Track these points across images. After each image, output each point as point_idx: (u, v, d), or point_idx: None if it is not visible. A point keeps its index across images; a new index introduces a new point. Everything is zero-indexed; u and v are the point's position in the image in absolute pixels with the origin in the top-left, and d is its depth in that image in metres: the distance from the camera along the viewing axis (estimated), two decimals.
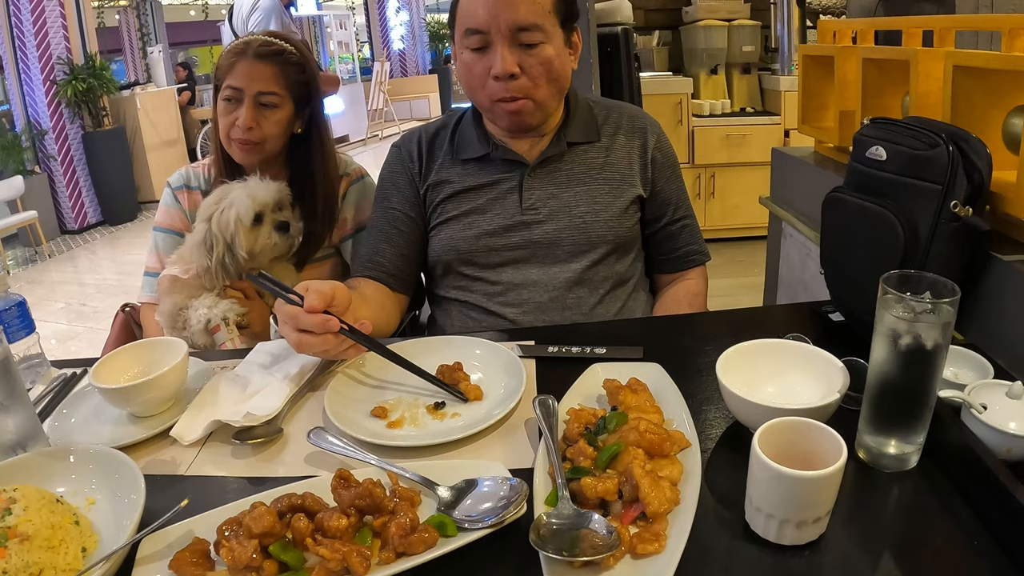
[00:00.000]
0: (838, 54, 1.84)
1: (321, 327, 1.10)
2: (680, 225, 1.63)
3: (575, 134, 1.55)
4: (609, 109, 1.63)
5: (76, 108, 7.31)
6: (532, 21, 1.37)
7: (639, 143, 1.59)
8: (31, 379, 1.26)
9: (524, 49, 1.39)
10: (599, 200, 1.53)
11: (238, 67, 1.63)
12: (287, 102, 1.67)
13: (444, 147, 1.60)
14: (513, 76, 1.39)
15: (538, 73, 1.41)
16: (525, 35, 1.37)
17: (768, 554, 0.77)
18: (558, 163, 1.55)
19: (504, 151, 1.53)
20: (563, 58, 1.44)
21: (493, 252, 1.53)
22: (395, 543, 0.77)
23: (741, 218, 4.78)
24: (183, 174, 1.81)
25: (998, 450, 0.86)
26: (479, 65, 1.42)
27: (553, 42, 1.41)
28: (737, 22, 4.91)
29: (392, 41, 13.44)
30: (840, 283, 1.30)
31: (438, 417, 1.08)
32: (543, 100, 1.45)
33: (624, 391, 1.01)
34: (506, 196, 1.54)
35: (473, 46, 1.41)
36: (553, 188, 1.53)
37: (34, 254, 6.73)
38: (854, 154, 1.29)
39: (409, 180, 1.59)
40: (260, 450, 1.03)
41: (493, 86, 1.42)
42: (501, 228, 1.52)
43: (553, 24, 1.40)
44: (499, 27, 1.37)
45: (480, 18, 1.37)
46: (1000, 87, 1.31)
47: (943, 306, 0.82)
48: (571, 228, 1.51)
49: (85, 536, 0.84)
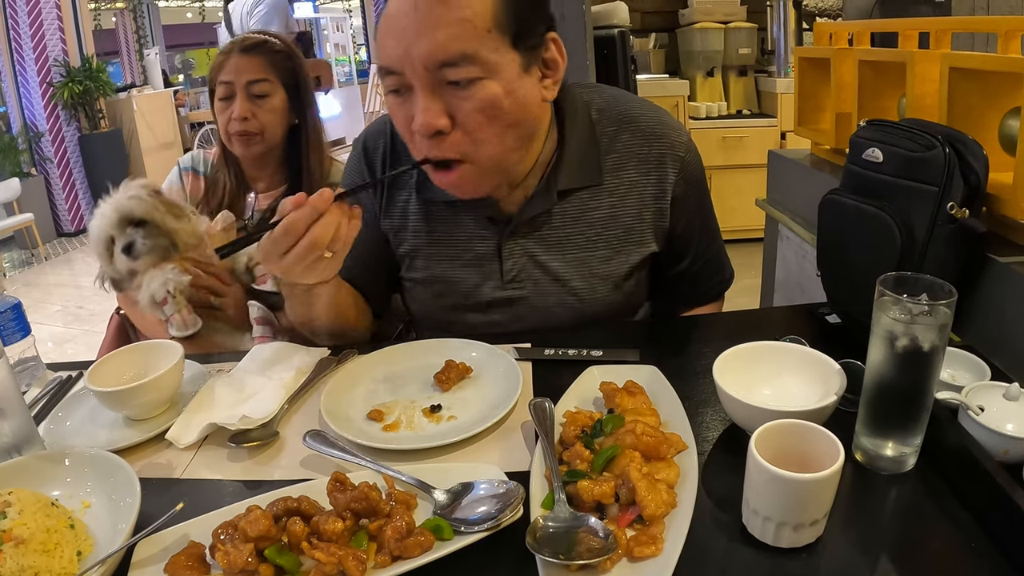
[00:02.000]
0: (834, 56, 1.84)
1: (320, 202, 0.95)
2: (703, 261, 1.39)
3: (569, 177, 1.22)
4: (620, 123, 1.26)
5: (73, 110, 7.32)
6: (458, 50, 0.99)
7: (656, 178, 1.26)
8: (26, 382, 1.26)
9: (453, 90, 1.02)
10: (597, 271, 1.27)
11: (227, 64, 1.68)
12: (278, 89, 1.70)
13: (409, 172, 1.28)
14: (440, 132, 1.04)
15: (476, 123, 1.04)
16: (451, 72, 1.00)
17: (765, 557, 0.76)
18: (547, 219, 1.25)
19: (476, 201, 1.22)
20: (520, 93, 1.06)
21: (471, 328, 1.31)
22: (391, 547, 0.77)
23: (738, 220, 4.77)
24: (194, 156, 1.85)
25: (995, 452, 0.86)
26: (400, 113, 1.08)
27: (498, 74, 1.03)
28: (733, 24, 4.93)
29: None
30: (837, 285, 1.30)
31: (434, 420, 1.08)
32: (491, 159, 1.09)
33: (621, 394, 1.01)
34: (483, 262, 1.28)
35: (390, 88, 1.07)
36: (540, 253, 1.26)
37: (30, 256, 6.73)
38: (850, 156, 1.29)
39: (369, 205, 1.32)
40: (256, 453, 1.03)
41: (419, 143, 1.08)
42: (480, 304, 1.30)
43: (495, 48, 1.01)
44: (413, 65, 1.01)
45: (390, 52, 1.02)
46: (996, 89, 1.31)
47: (940, 308, 0.82)
48: (562, 306, 1.28)
49: (80, 540, 0.84)
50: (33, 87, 7.10)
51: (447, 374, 1.15)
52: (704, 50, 4.93)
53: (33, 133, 7.14)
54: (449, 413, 1.09)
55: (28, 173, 7.10)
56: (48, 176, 7.30)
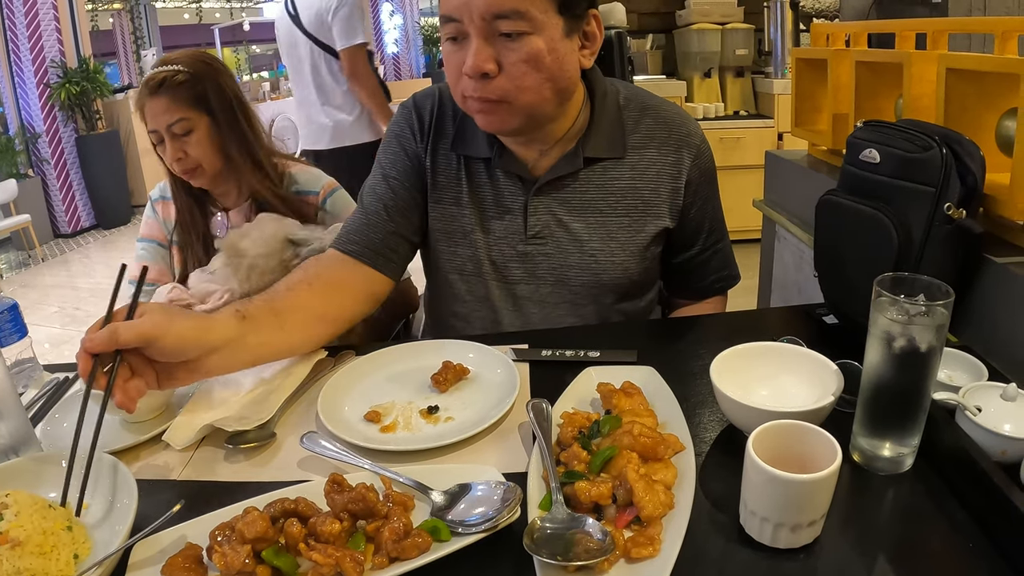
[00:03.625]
0: (831, 57, 1.84)
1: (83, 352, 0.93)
2: (712, 251, 1.46)
3: (596, 147, 1.33)
4: (643, 111, 1.38)
5: (70, 111, 7.31)
6: (512, 6, 1.12)
7: (673, 160, 1.36)
8: (23, 383, 1.25)
9: (504, 40, 1.15)
10: (616, 236, 1.35)
11: (146, 110, 1.65)
12: (199, 120, 1.66)
13: (449, 127, 1.39)
14: (487, 75, 1.16)
15: (521, 72, 1.17)
16: (504, 23, 1.13)
17: (763, 557, 0.76)
18: (571, 182, 1.34)
19: (508, 160, 1.34)
20: (560, 52, 1.18)
21: (494, 282, 1.39)
22: (388, 548, 0.77)
23: (735, 221, 4.74)
24: (161, 187, 1.85)
25: (993, 452, 0.86)
26: (454, 59, 1.20)
27: (544, 32, 1.15)
28: (730, 25, 4.93)
29: (386, 45, 13.42)
30: (834, 286, 1.30)
31: (432, 421, 1.07)
32: (529, 105, 1.20)
33: (618, 395, 1.01)
34: (509, 216, 1.36)
35: (448, 35, 1.20)
36: (563, 214, 1.35)
37: (27, 258, 6.72)
38: (847, 157, 1.29)
39: (414, 152, 1.40)
40: (253, 455, 1.03)
41: (466, 83, 1.19)
42: (502, 258, 1.37)
43: (544, 10, 1.15)
44: (471, 15, 1.14)
45: (453, 3, 1.16)
46: (993, 89, 1.31)
47: (937, 308, 0.82)
48: (580, 266, 1.35)
49: (79, 542, 0.83)
50: (30, 88, 7.09)
51: (444, 375, 1.15)
52: (701, 51, 4.94)
53: (30, 134, 7.13)
54: (446, 414, 1.09)
55: (25, 174, 7.09)
56: (45, 177, 7.29)
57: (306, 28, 3.32)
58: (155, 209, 1.83)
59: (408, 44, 13.74)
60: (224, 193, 1.77)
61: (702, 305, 1.53)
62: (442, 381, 1.15)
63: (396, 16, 13.44)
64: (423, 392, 1.15)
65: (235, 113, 1.71)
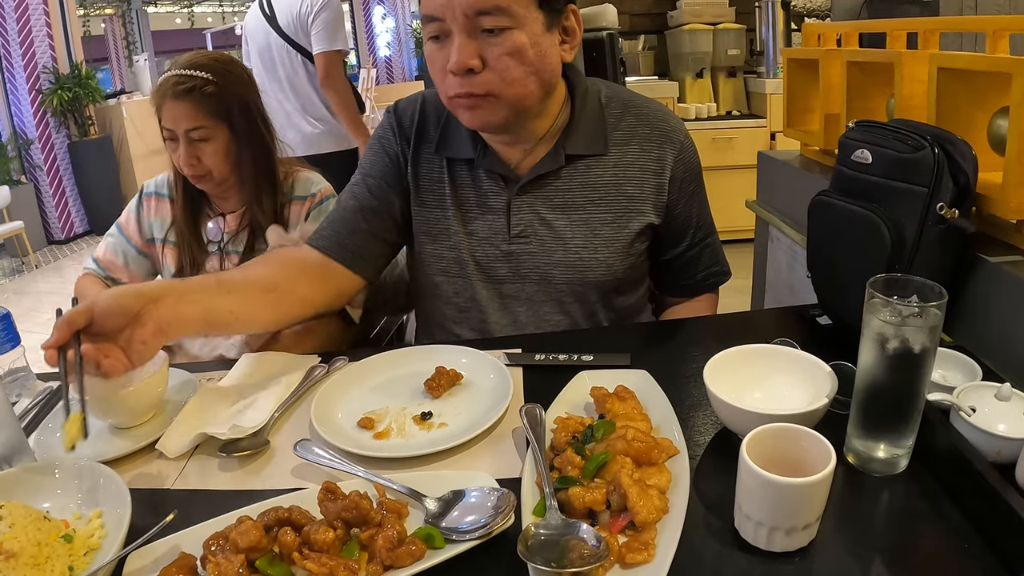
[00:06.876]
0: (823, 57, 1.84)
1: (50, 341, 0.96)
2: (700, 247, 1.47)
3: (577, 144, 1.34)
4: (626, 108, 1.39)
5: (62, 117, 7.30)
6: (493, 3, 1.14)
7: (656, 156, 1.37)
8: (16, 393, 1.25)
9: (487, 36, 1.17)
10: (600, 232, 1.35)
11: (164, 108, 1.63)
12: (219, 130, 1.65)
13: (432, 132, 1.41)
14: (472, 71, 1.18)
15: (505, 65, 1.18)
16: (486, 19, 1.15)
17: (758, 561, 0.76)
18: (554, 180, 1.35)
19: (492, 160, 1.35)
20: (543, 46, 1.20)
21: (479, 282, 1.40)
22: (382, 556, 0.77)
23: (727, 221, 4.74)
24: (159, 181, 1.82)
25: (988, 452, 0.86)
26: (438, 57, 1.22)
27: (525, 27, 1.17)
28: (722, 26, 4.94)
29: (378, 48, 13.43)
30: (827, 287, 1.30)
31: (425, 427, 1.07)
32: (515, 97, 1.22)
33: (611, 399, 1.01)
34: (492, 216, 1.37)
35: (431, 34, 1.22)
36: (546, 212, 1.35)
37: (20, 265, 6.70)
38: (839, 157, 1.29)
39: (395, 154, 1.42)
40: (247, 463, 1.02)
41: (451, 81, 1.21)
42: (487, 258, 1.38)
43: (525, 5, 1.17)
44: (454, 12, 1.16)
45: (435, 2, 1.17)
46: (985, 89, 1.31)
47: (930, 309, 0.82)
48: (564, 264, 1.36)
49: (76, 556, 0.83)
50: (22, 94, 7.07)
51: (437, 381, 1.15)
52: (693, 52, 4.95)
53: (22, 140, 7.12)
54: (440, 420, 1.09)
55: (18, 181, 7.07)
56: (38, 183, 7.27)
57: (283, 29, 3.25)
58: (142, 204, 1.81)
59: (400, 47, 13.75)
60: (224, 199, 1.76)
61: (694, 303, 1.53)
62: (435, 387, 1.15)
63: (388, 19, 13.45)
64: (416, 398, 1.15)
65: (256, 127, 1.71)
